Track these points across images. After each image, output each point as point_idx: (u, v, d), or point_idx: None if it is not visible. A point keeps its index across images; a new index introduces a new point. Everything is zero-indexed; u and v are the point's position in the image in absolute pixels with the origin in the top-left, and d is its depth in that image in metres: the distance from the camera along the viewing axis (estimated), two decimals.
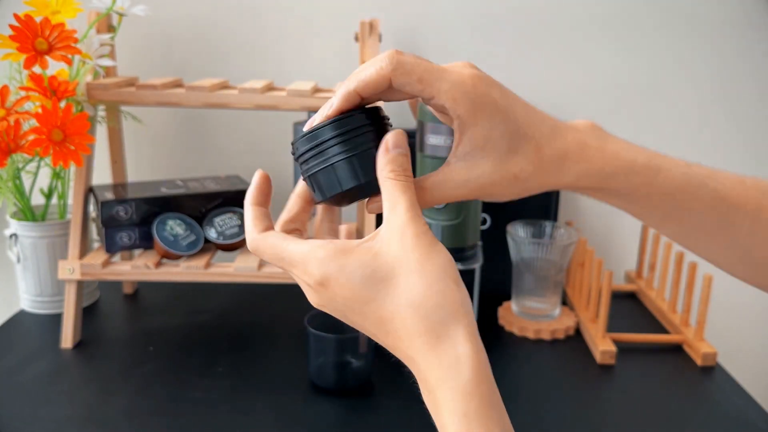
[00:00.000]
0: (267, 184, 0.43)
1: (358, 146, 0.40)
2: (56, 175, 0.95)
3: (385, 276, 0.37)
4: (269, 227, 0.44)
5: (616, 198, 0.45)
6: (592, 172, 0.43)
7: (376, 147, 0.40)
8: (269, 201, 0.45)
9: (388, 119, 0.43)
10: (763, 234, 0.45)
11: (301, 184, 0.45)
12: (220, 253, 0.91)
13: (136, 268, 0.85)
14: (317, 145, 0.41)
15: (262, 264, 0.86)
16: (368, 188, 0.41)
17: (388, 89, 0.40)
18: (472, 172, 0.41)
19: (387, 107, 1.04)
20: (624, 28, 1.07)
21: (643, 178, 0.43)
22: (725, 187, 0.45)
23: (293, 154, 0.43)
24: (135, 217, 0.87)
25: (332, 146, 0.40)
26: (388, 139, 0.40)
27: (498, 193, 0.43)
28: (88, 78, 0.87)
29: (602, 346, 0.88)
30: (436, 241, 0.38)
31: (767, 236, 0.45)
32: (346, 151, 0.40)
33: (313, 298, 0.41)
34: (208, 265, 0.85)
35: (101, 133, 0.97)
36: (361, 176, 0.40)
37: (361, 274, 0.37)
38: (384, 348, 0.40)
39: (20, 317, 0.97)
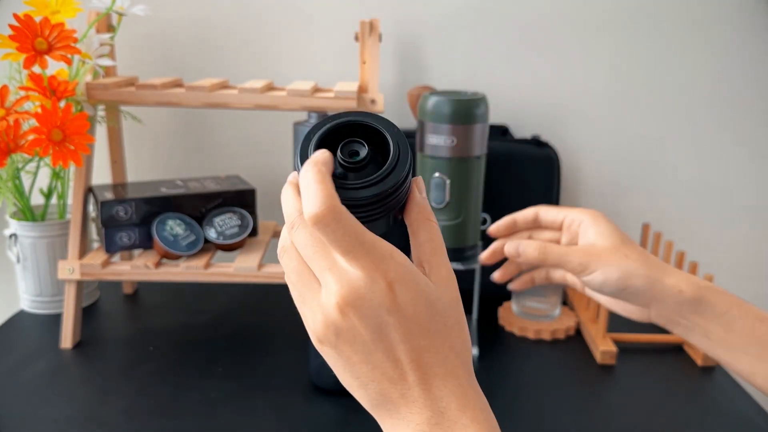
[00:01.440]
0: (331, 158, 0.39)
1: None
2: (56, 175, 0.95)
3: (442, 311, 0.38)
4: None
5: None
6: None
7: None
8: None
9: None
10: None
11: None
12: (219, 253, 0.91)
13: (136, 268, 0.85)
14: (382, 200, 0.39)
15: (261, 264, 0.86)
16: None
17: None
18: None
19: (386, 107, 1.03)
20: (625, 27, 1.07)
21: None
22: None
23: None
24: (135, 217, 0.87)
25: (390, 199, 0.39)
26: (419, 183, 0.41)
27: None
28: (88, 78, 0.87)
29: (602, 346, 0.87)
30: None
31: None
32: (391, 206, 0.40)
33: (357, 299, 0.36)
34: (207, 265, 0.85)
35: (101, 132, 0.97)
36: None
37: (429, 296, 0.37)
38: None
39: (20, 317, 0.97)
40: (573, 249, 0.58)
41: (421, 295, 0.36)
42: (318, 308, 0.37)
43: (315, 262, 0.37)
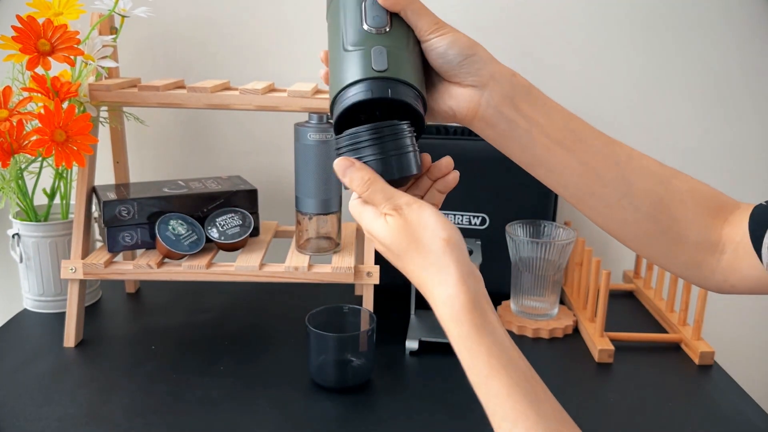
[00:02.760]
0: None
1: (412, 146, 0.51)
2: (59, 176, 0.95)
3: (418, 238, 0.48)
4: None
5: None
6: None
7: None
8: None
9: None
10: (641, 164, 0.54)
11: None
12: (221, 253, 0.92)
13: (138, 267, 0.85)
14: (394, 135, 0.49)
15: (263, 263, 0.87)
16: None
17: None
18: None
19: None
20: (627, 27, 1.07)
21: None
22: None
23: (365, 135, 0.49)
24: (137, 217, 0.88)
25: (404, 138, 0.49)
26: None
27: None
28: (91, 79, 0.88)
29: (600, 344, 0.88)
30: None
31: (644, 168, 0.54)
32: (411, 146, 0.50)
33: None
34: (209, 265, 0.86)
35: (104, 133, 0.98)
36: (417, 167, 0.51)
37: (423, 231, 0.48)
38: (384, 347, 0.43)
39: (23, 316, 0.97)
40: (431, 12, 0.54)
41: (419, 226, 0.48)
42: None
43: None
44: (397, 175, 0.49)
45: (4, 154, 0.80)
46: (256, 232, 0.95)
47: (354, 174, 0.49)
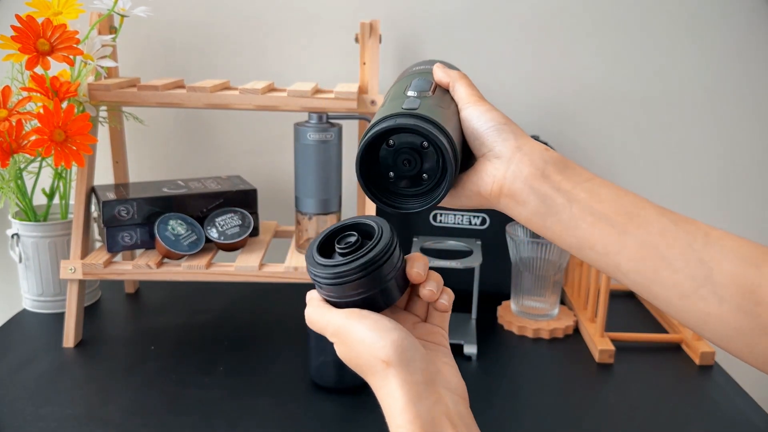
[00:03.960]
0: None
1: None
2: (58, 176, 0.95)
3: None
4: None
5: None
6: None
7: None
8: None
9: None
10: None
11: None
12: (221, 253, 0.91)
13: (138, 267, 0.85)
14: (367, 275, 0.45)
15: (262, 264, 0.87)
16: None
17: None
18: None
19: None
20: (626, 27, 1.07)
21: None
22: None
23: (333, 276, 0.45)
24: (137, 217, 0.88)
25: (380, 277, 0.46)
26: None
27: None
28: (90, 79, 0.87)
29: (601, 345, 0.88)
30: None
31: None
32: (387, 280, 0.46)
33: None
34: (209, 265, 0.86)
35: (103, 133, 0.98)
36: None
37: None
38: None
39: (22, 317, 0.97)
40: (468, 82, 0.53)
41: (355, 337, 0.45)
42: None
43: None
44: (385, 308, 0.47)
45: (3, 154, 0.79)
46: (255, 232, 0.94)
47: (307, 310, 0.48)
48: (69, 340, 0.88)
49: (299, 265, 0.85)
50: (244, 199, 0.94)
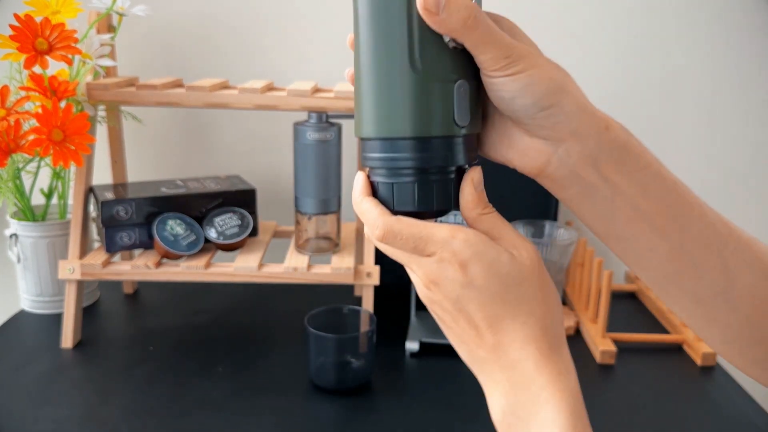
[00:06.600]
0: (368, 179, 0.43)
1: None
2: (56, 175, 0.95)
3: (518, 281, 0.40)
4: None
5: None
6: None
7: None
8: None
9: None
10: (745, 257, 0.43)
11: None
12: (220, 253, 0.91)
13: (137, 267, 0.85)
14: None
15: (262, 264, 0.86)
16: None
17: None
18: None
19: None
20: (626, 24, 1.07)
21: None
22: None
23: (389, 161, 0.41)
24: (135, 216, 0.88)
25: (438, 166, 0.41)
26: (473, 176, 0.42)
27: None
28: (89, 78, 0.87)
29: (602, 345, 0.88)
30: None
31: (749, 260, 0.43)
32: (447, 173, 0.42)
33: (436, 278, 0.40)
34: (208, 265, 0.86)
35: (101, 133, 0.97)
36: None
37: (499, 269, 0.39)
38: (384, 348, 0.42)
39: (20, 317, 0.97)
40: (502, 35, 0.39)
41: (492, 269, 0.39)
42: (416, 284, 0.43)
43: (401, 259, 0.42)
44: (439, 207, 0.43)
45: (1, 154, 0.79)
46: (255, 232, 0.94)
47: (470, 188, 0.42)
48: (67, 340, 0.87)
49: (299, 265, 0.85)
50: (243, 199, 0.93)
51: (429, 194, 0.41)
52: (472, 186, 0.42)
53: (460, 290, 0.40)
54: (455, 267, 0.39)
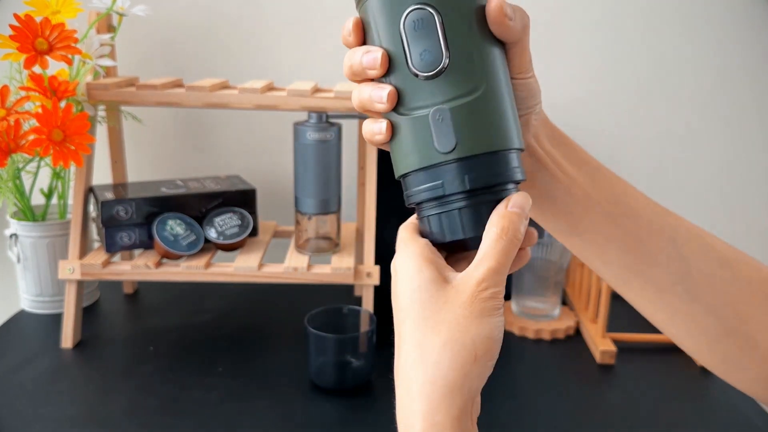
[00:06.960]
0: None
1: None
2: (56, 175, 0.95)
3: (434, 313, 0.37)
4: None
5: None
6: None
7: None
8: None
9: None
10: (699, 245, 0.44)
11: None
12: (220, 253, 0.91)
13: (136, 267, 0.85)
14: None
15: (262, 264, 0.86)
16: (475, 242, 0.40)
17: None
18: None
19: None
20: (626, 26, 1.07)
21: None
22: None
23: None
24: (135, 216, 0.88)
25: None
26: (513, 197, 0.38)
27: None
28: (89, 78, 0.87)
29: (602, 345, 0.88)
30: (498, 315, 0.37)
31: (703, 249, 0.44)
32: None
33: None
34: (208, 265, 0.86)
35: (101, 133, 0.97)
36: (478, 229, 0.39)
37: (421, 289, 0.38)
38: (384, 348, 0.40)
39: (20, 317, 0.97)
40: None
41: (416, 282, 0.38)
42: None
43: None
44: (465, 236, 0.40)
45: (1, 154, 0.79)
46: (255, 233, 0.94)
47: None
48: (67, 340, 0.87)
49: (299, 265, 0.85)
50: (243, 199, 0.93)
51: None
52: (505, 204, 0.41)
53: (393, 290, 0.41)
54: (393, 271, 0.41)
